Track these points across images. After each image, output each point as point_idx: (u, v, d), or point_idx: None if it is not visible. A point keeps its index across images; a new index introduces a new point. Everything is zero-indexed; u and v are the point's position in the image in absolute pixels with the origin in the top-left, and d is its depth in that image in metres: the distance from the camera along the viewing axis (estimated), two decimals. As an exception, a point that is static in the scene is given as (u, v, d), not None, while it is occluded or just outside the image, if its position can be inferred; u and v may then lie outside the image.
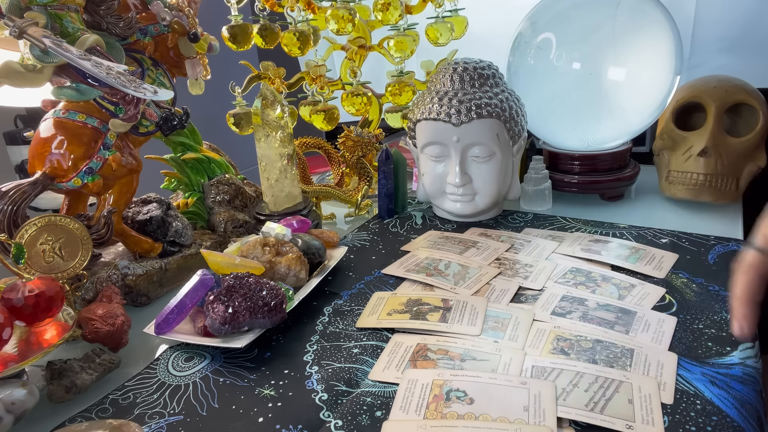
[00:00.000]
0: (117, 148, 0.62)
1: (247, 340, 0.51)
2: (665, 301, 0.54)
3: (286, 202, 0.76)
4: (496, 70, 0.77)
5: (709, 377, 0.43)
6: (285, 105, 0.75)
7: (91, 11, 0.59)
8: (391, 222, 0.83)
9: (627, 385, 0.42)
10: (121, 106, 0.61)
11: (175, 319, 0.53)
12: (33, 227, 0.53)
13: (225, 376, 0.50)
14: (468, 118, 0.71)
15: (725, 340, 0.48)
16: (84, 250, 0.56)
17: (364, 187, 0.89)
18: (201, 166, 0.81)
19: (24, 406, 0.43)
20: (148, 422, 0.45)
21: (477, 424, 0.39)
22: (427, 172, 0.78)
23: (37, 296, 0.46)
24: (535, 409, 0.40)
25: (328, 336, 0.54)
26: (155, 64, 0.70)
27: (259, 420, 0.44)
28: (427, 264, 0.66)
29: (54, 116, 0.60)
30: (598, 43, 0.75)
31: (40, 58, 0.51)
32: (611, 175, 0.82)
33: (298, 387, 0.47)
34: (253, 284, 0.53)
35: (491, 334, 0.51)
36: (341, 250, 0.69)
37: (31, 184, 0.56)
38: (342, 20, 0.83)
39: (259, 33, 0.86)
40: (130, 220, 0.69)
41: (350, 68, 0.89)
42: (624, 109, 0.78)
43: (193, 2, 0.74)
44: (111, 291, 0.57)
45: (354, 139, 0.86)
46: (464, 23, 0.92)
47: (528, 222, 0.78)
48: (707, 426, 0.38)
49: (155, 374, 0.51)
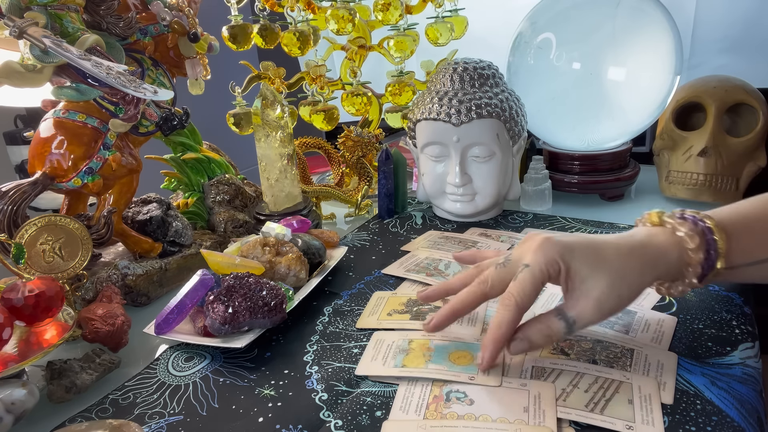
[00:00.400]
0: (117, 148, 0.62)
1: (247, 340, 0.51)
2: (665, 301, 0.54)
3: (286, 202, 0.76)
4: (496, 70, 0.77)
5: (709, 377, 0.43)
6: (285, 105, 0.75)
7: (91, 11, 0.59)
8: (391, 222, 0.83)
9: (627, 385, 0.42)
10: (121, 106, 0.61)
11: (175, 319, 0.53)
12: (33, 227, 0.53)
13: (225, 376, 0.50)
14: (468, 118, 0.71)
15: (725, 340, 0.48)
16: (84, 250, 0.56)
17: (364, 187, 0.89)
18: (201, 166, 0.81)
19: (24, 406, 0.43)
20: (148, 422, 0.45)
21: (477, 425, 0.39)
22: (427, 172, 0.78)
23: (37, 296, 0.46)
24: (534, 410, 0.40)
25: (328, 336, 0.54)
26: (155, 64, 0.70)
27: (259, 420, 0.44)
28: (427, 264, 0.66)
29: (54, 116, 0.60)
30: (598, 43, 0.75)
31: (40, 58, 0.51)
32: (611, 175, 0.82)
33: (298, 387, 0.47)
34: (253, 284, 0.53)
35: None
36: (341, 250, 0.69)
37: (31, 184, 0.56)
38: (342, 20, 0.83)
39: (259, 33, 0.87)
40: (130, 220, 0.69)
41: (350, 68, 0.89)
42: (624, 109, 0.78)
43: (193, 2, 0.74)
44: (111, 291, 0.57)
45: (354, 139, 0.86)
46: (464, 23, 0.92)
47: (528, 222, 0.78)
48: (707, 426, 0.38)
49: (155, 374, 0.51)
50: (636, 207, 0.81)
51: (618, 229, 0.71)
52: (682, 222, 0.44)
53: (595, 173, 0.83)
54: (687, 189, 0.77)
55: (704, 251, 0.42)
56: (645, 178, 0.88)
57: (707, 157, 0.75)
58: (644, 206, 0.80)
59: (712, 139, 0.75)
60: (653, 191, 0.85)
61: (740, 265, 0.44)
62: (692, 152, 0.76)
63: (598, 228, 0.73)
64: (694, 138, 0.77)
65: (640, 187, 0.87)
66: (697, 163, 0.76)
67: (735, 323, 0.50)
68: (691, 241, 0.42)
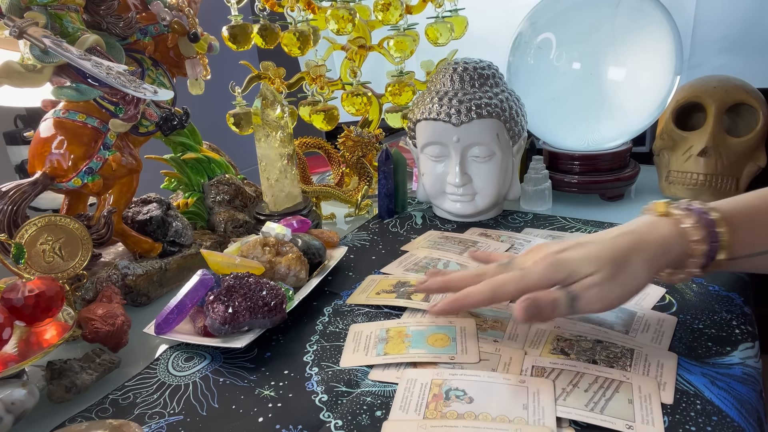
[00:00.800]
0: (117, 148, 0.62)
1: (247, 340, 0.51)
2: (665, 301, 0.54)
3: (286, 202, 0.76)
4: (496, 70, 0.77)
5: (709, 377, 0.43)
6: (285, 105, 0.75)
7: (91, 11, 0.59)
8: (391, 222, 0.83)
9: (627, 385, 0.42)
10: (121, 106, 0.61)
11: (175, 319, 0.53)
12: (33, 227, 0.53)
13: (225, 376, 0.50)
14: (468, 118, 0.71)
15: (725, 340, 0.48)
16: (84, 250, 0.56)
17: (364, 187, 0.89)
18: (201, 166, 0.81)
19: (24, 406, 0.43)
20: (148, 422, 0.45)
21: (477, 424, 0.39)
22: (427, 172, 0.78)
23: (37, 296, 0.46)
24: (534, 407, 0.40)
25: (328, 336, 0.54)
26: (155, 64, 0.70)
27: (259, 420, 0.44)
28: (426, 263, 0.66)
29: (54, 116, 0.60)
30: (598, 43, 0.75)
31: (40, 58, 0.51)
32: (611, 175, 0.82)
33: (298, 387, 0.47)
34: (253, 284, 0.53)
35: (491, 333, 0.51)
36: (341, 250, 0.69)
37: (31, 184, 0.56)
38: (342, 20, 0.83)
39: (259, 33, 0.87)
40: (130, 220, 0.69)
41: (350, 68, 0.89)
42: (624, 109, 0.78)
43: (193, 2, 0.74)
44: (111, 291, 0.57)
45: (354, 139, 0.86)
46: (464, 23, 0.92)
47: (528, 222, 0.78)
48: (707, 426, 0.38)
49: (155, 374, 0.51)
50: (636, 207, 0.80)
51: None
52: (688, 213, 0.44)
53: (595, 173, 0.83)
54: (687, 189, 0.77)
55: (708, 243, 0.43)
56: (645, 178, 0.88)
57: (707, 157, 0.75)
58: (644, 206, 0.80)
59: (712, 139, 0.75)
60: (653, 191, 0.85)
61: (742, 256, 0.45)
62: (692, 152, 0.76)
63: (598, 228, 0.73)
64: (694, 138, 0.77)
65: (640, 187, 0.87)
66: (697, 163, 0.76)
67: (735, 323, 0.50)
68: (695, 233, 0.43)
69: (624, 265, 0.43)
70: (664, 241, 0.44)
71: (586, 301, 0.43)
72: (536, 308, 0.42)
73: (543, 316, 0.43)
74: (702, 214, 0.44)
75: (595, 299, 0.43)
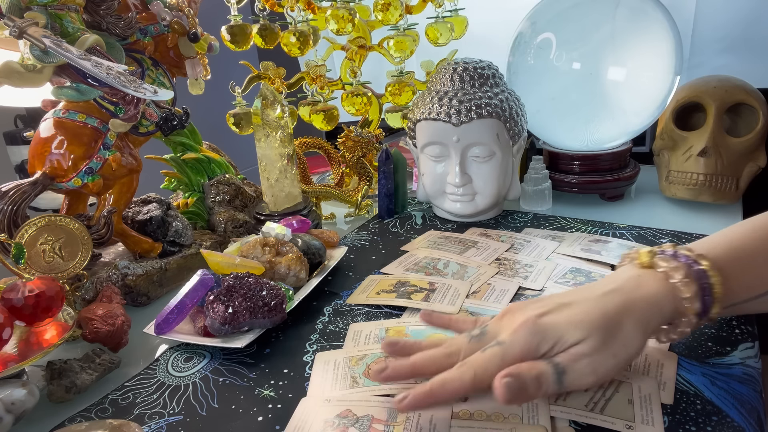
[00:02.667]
0: (117, 148, 0.62)
1: (247, 340, 0.51)
2: (665, 301, 0.54)
3: (286, 202, 0.76)
4: (496, 70, 0.77)
5: (709, 377, 0.43)
6: (285, 105, 0.75)
7: (91, 11, 0.59)
8: (391, 222, 0.83)
9: (627, 385, 0.42)
10: (121, 106, 0.61)
11: (175, 319, 0.53)
12: (33, 227, 0.53)
13: (224, 376, 0.50)
14: (468, 118, 0.71)
15: (725, 340, 0.48)
16: (84, 250, 0.56)
17: (364, 187, 0.89)
18: (201, 166, 0.81)
19: (24, 406, 0.43)
20: (147, 422, 0.45)
21: (473, 423, 0.39)
22: (427, 172, 0.78)
23: (37, 296, 0.46)
24: (529, 405, 0.40)
25: (328, 336, 0.54)
26: (155, 64, 0.70)
27: (258, 419, 0.44)
28: (426, 263, 0.66)
29: (54, 116, 0.60)
30: (598, 43, 0.75)
31: (40, 58, 0.51)
32: (611, 175, 0.82)
33: (298, 388, 0.47)
34: (253, 284, 0.53)
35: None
36: (341, 250, 0.69)
37: (31, 184, 0.56)
38: (342, 20, 0.83)
39: (259, 33, 0.87)
40: (130, 220, 0.69)
41: (350, 68, 0.89)
42: (624, 109, 0.78)
43: (193, 2, 0.74)
44: (111, 291, 0.57)
45: (354, 139, 0.86)
46: (464, 23, 0.92)
47: (528, 222, 0.78)
48: (707, 426, 0.38)
49: (155, 374, 0.51)
50: (636, 207, 0.81)
51: (618, 229, 0.71)
52: (676, 266, 0.40)
53: (595, 173, 0.83)
54: (687, 189, 0.77)
55: (700, 299, 0.39)
56: (645, 178, 0.88)
57: (707, 157, 0.75)
58: (644, 206, 0.81)
59: (712, 139, 0.75)
60: (653, 191, 0.85)
61: (735, 304, 0.42)
62: (692, 152, 0.76)
63: (598, 228, 0.73)
64: (694, 138, 0.77)
65: (640, 187, 0.88)
66: (697, 163, 0.76)
67: (735, 323, 0.50)
68: (686, 289, 0.39)
69: (615, 331, 0.38)
70: (656, 299, 0.39)
71: (576, 375, 0.37)
72: (519, 387, 0.36)
73: (527, 396, 0.37)
74: (691, 264, 0.40)
75: (587, 372, 0.37)
